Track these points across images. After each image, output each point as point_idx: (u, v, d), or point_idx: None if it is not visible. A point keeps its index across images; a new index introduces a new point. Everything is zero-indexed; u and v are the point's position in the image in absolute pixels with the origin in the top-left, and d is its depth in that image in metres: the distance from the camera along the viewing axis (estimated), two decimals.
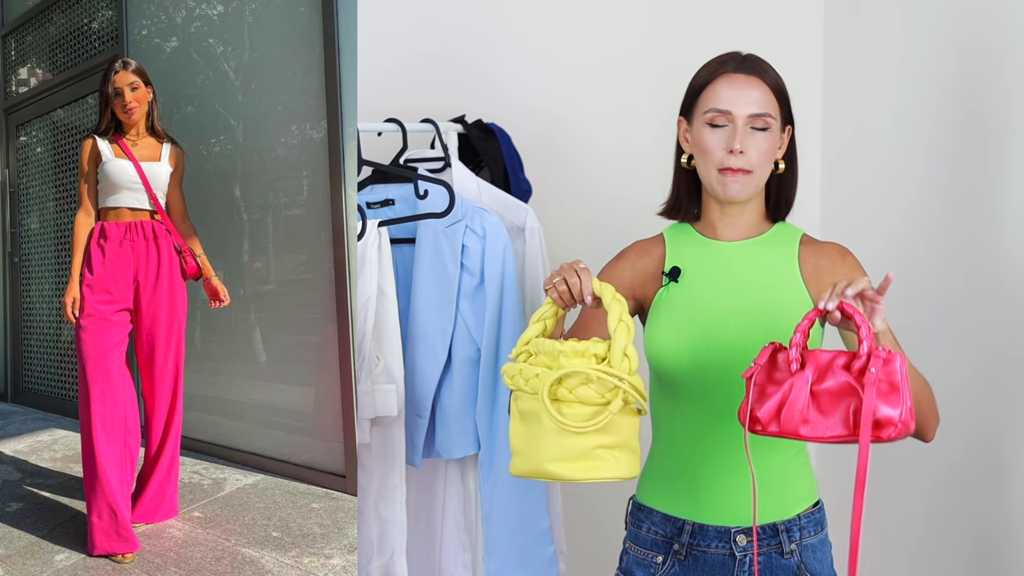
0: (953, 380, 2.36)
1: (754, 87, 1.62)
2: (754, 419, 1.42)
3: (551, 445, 1.45)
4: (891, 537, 2.56)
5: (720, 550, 1.66)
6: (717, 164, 1.63)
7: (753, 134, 1.61)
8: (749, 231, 1.70)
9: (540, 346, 1.51)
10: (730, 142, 1.61)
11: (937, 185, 2.40)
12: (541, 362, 1.51)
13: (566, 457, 1.45)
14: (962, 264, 2.33)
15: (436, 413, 2.07)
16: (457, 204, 2.03)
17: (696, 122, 1.66)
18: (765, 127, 1.62)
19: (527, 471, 1.49)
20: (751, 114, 1.61)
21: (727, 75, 1.64)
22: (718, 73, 1.65)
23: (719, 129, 1.63)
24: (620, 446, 1.47)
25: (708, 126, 1.63)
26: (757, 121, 1.61)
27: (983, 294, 2.28)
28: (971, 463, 2.32)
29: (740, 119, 1.61)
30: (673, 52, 2.63)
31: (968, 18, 2.31)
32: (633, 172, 2.66)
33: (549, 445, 1.45)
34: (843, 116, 2.70)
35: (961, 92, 2.32)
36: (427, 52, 2.48)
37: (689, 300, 1.67)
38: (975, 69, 2.28)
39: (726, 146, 1.61)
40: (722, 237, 1.71)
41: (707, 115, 1.63)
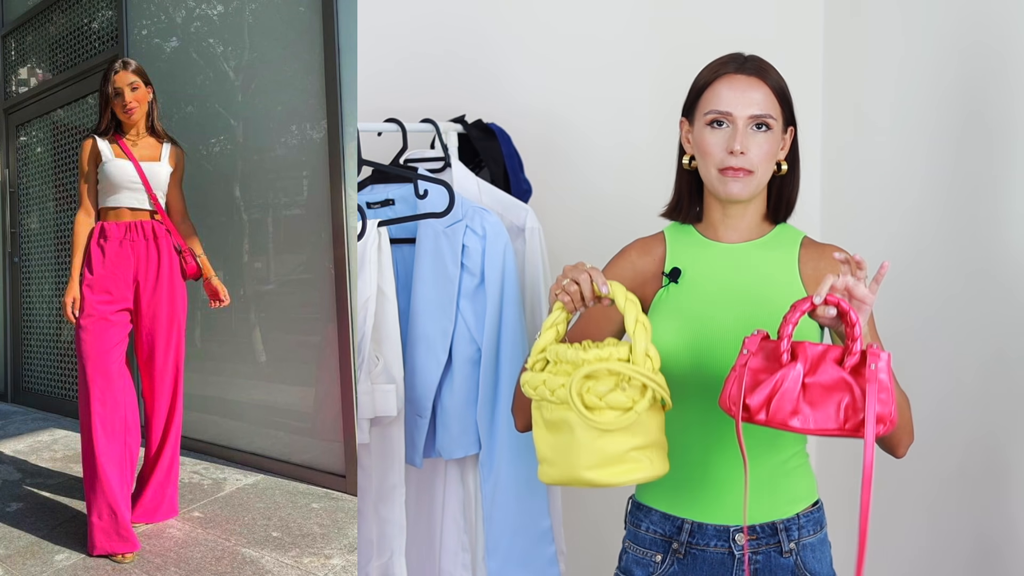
0: (954, 381, 2.37)
1: (755, 88, 1.62)
2: (744, 406, 1.42)
3: (585, 452, 1.45)
4: (891, 539, 2.56)
5: (719, 549, 1.66)
6: (718, 164, 1.63)
7: (754, 135, 1.62)
8: (750, 233, 1.71)
9: (561, 354, 1.50)
10: (730, 143, 1.61)
11: (937, 185, 2.40)
12: (563, 371, 1.50)
13: (601, 463, 1.45)
14: (962, 264, 2.33)
15: (437, 413, 2.07)
16: (457, 204, 2.03)
17: (697, 123, 1.66)
18: (767, 128, 1.62)
19: (561, 479, 1.49)
20: (752, 115, 1.61)
21: (728, 76, 1.64)
22: (719, 74, 1.65)
23: (720, 130, 1.63)
24: (651, 445, 1.48)
25: (709, 127, 1.64)
26: (758, 121, 1.61)
27: (983, 294, 2.28)
28: (972, 464, 2.32)
29: (741, 120, 1.61)
30: (673, 52, 2.63)
31: (969, 18, 2.30)
32: (633, 172, 2.66)
33: (583, 452, 1.45)
34: (843, 116, 2.70)
35: (962, 92, 2.32)
36: (427, 52, 2.48)
37: (688, 301, 1.68)
38: (976, 69, 2.28)
39: (727, 147, 1.61)
40: (723, 239, 1.71)
41: (708, 116, 1.64)
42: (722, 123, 1.62)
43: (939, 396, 2.40)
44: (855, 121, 2.66)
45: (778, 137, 1.64)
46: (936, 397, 2.40)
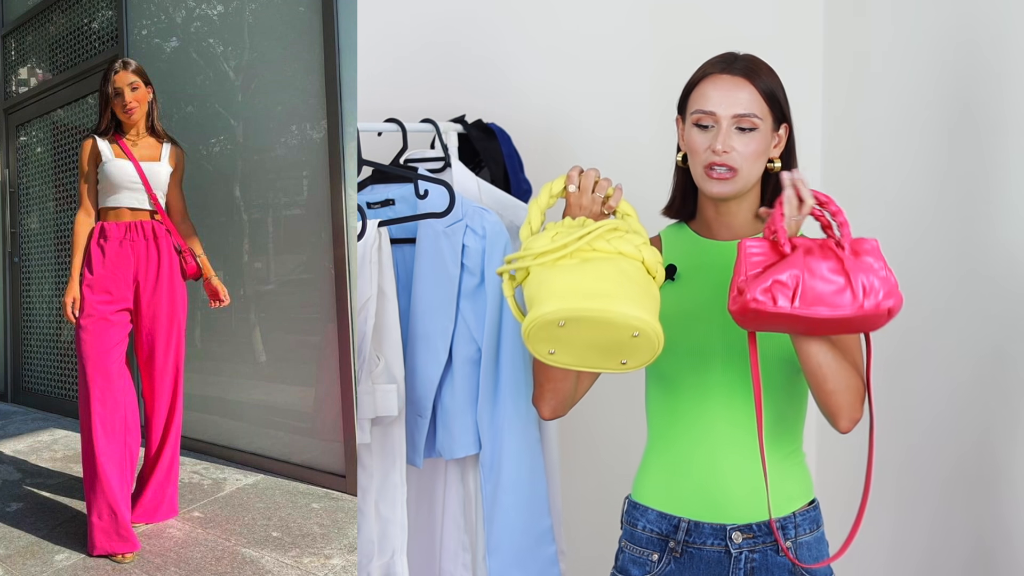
0: (951, 380, 2.37)
1: (739, 88, 1.64)
2: (766, 299, 1.44)
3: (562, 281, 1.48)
4: (889, 537, 2.56)
5: (716, 547, 1.67)
6: (703, 163, 1.65)
7: (739, 134, 1.63)
8: (744, 230, 1.72)
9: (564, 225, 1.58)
10: (713, 142, 1.63)
11: (938, 185, 2.40)
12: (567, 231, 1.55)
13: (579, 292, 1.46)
14: (962, 264, 2.33)
15: (437, 413, 2.07)
16: (457, 204, 2.03)
17: (687, 122, 1.69)
18: (751, 127, 1.63)
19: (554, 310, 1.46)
20: (735, 115, 1.63)
21: (713, 76, 1.66)
22: (706, 74, 1.68)
23: (705, 129, 1.65)
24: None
25: (696, 126, 1.66)
26: (742, 122, 1.63)
27: (981, 292, 2.28)
28: (969, 463, 2.32)
29: (725, 120, 1.63)
30: (673, 48, 2.63)
31: (967, 16, 2.30)
32: (635, 169, 2.65)
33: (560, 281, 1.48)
34: (843, 115, 2.70)
35: (961, 90, 2.32)
36: (427, 52, 2.48)
37: (683, 299, 1.70)
38: (974, 68, 2.28)
39: (710, 146, 1.64)
40: (717, 236, 1.73)
41: (694, 115, 1.66)
42: (707, 123, 1.65)
43: (937, 396, 2.40)
44: (855, 120, 2.66)
45: (766, 136, 1.66)
46: (934, 397, 2.41)
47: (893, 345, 2.38)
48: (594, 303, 1.44)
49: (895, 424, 2.48)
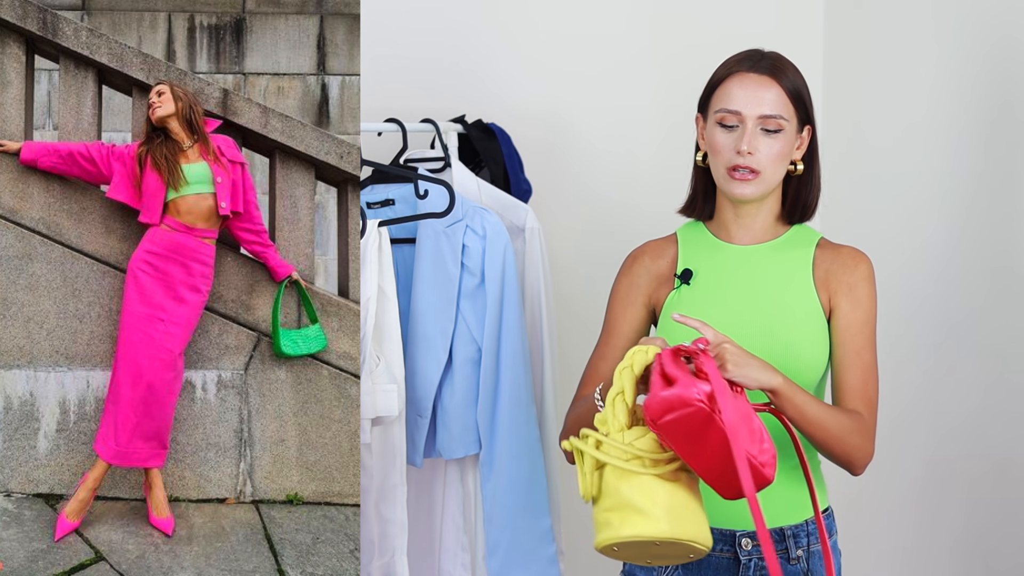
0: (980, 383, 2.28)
1: (767, 88, 1.60)
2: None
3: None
4: (890, 538, 2.56)
5: (724, 554, 1.65)
6: (725, 164, 1.61)
7: (764, 135, 1.59)
8: (764, 234, 1.68)
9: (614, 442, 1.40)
10: (738, 143, 1.59)
11: (938, 184, 2.40)
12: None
13: None
14: (962, 262, 2.33)
15: (437, 413, 2.07)
16: (457, 204, 2.03)
17: (709, 120, 1.65)
18: (777, 129, 1.59)
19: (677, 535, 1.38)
20: (761, 115, 1.59)
21: (740, 74, 1.61)
22: (732, 72, 1.63)
23: (730, 129, 1.61)
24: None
25: (719, 126, 1.62)
26: (768, 123, 1.59)
27: (985, 294, 2.28)
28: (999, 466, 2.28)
29: (750, 120, 1.59)
30: (674, 51, 2.63)
31: (975, 9, 2.30)
32: (634, 173, 2.66)
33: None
34: (843, 114, 2.69)
35: (961, 89, 2.32)
36: (427, 52, 2.48)
37: (700, 304, 1.66)
38: (980, 61, 2.28)
39: (735, 147, 1.59)
40: (735, 240, 1.69)
41: (718, 114, 1.62)
42: (732, 122, 1.61)
43: (965, 408, 2.31)
44: (855, 119, 2.66)
45: (790, 138, 1.62)
46: (966, 409, 2.33)
47: (931, 343, 2.34)
48: (693, 533, 1.37)
49: (926, 422, 2.41)
